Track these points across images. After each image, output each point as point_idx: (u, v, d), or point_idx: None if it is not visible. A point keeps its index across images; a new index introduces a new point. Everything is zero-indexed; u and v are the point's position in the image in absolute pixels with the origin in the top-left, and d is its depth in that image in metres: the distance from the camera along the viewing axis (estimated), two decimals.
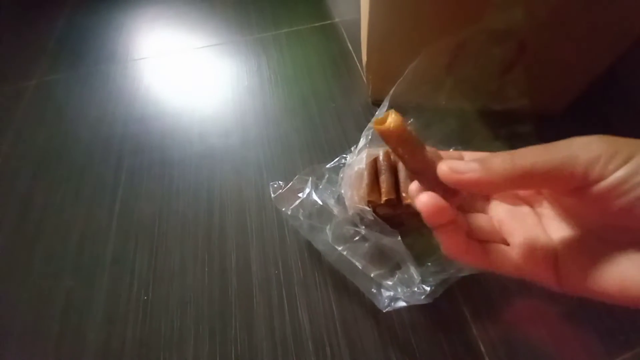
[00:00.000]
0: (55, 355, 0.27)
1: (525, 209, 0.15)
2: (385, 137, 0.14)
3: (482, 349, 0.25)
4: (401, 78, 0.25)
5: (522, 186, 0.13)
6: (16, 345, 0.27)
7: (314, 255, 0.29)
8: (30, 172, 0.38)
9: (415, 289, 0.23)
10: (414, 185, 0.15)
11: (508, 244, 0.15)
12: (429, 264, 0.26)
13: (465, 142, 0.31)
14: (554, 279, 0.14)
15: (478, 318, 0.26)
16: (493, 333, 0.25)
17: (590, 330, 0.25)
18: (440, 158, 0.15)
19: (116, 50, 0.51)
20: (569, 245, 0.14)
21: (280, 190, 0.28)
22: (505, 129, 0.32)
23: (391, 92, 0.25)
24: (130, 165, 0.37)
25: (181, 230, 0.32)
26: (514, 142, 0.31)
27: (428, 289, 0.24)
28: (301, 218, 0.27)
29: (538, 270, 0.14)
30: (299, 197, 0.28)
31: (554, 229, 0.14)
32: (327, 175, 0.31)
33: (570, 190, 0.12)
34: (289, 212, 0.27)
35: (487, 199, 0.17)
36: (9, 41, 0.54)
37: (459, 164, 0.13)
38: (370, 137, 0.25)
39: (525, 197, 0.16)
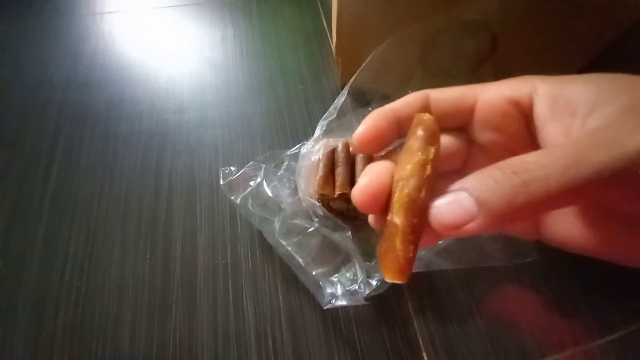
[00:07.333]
0: None
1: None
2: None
3: (421, 342, 0.25)
4: (364, 64, 0.23)
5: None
6: None
7: (265, 246, 0.28)
8: None
9: (357, 288, 0.22)
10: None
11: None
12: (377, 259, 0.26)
13: None
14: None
15: (420, 312, 0.26)
16: (433, 327, 0.26)
17: (524, 327, 0.26)
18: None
19: (61, 1, 0.45)
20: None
21: (230, 177, 0.26)
22: None
23: (351, 80, 0.23)
24: (69, 137, 0.34)
25: (123, 213, 0.30)
26: None
27: (374, 283, 0.24)
28: (250, 208, 0.25)
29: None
30: (250, 186, 0.26)
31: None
32: (286, 162, 0.30)
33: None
34: (238, 202, 0.25)
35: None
36: None
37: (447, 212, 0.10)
38: (324, 127, 0.23)
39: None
